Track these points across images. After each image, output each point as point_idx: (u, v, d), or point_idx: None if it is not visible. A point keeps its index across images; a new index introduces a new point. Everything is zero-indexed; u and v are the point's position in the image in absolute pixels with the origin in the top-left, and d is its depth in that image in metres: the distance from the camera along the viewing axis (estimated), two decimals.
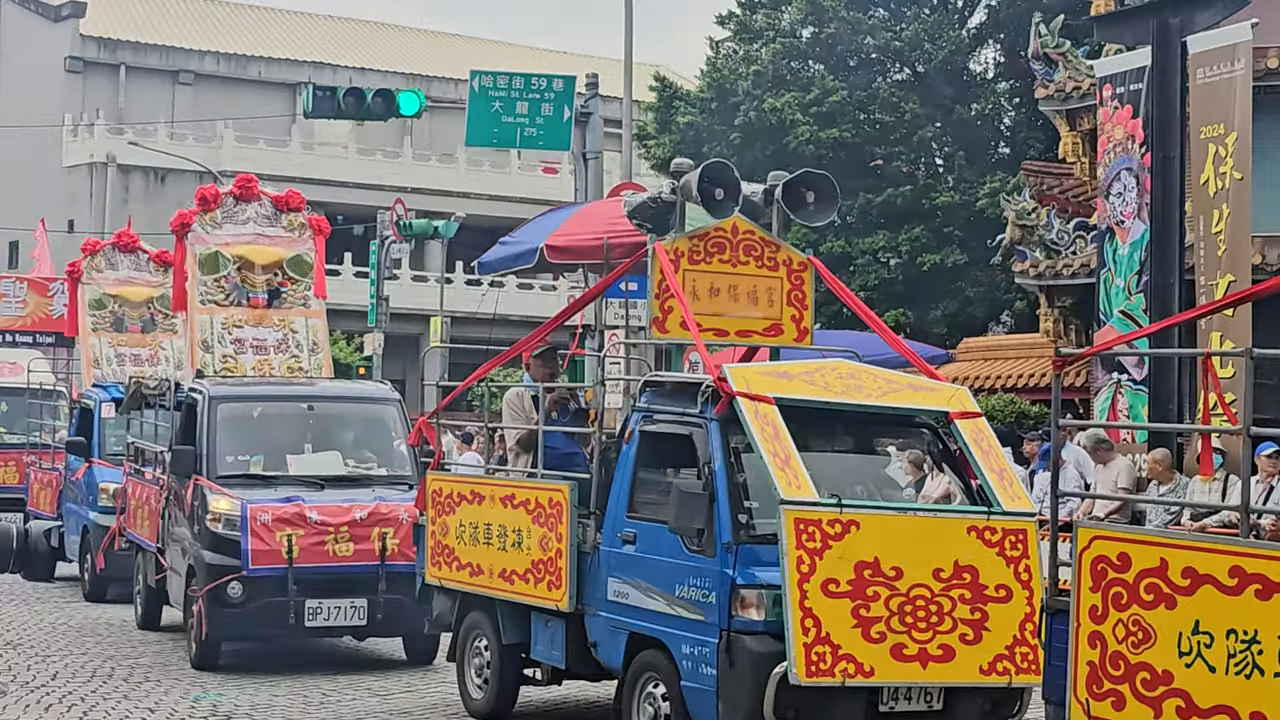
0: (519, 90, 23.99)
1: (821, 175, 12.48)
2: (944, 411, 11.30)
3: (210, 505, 15.32)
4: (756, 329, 12.41)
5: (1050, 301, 27.09)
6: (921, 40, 37.52)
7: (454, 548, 13.22)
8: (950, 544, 10.28)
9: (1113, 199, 20.81)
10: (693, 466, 11.03)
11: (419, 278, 55.39)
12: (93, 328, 24.13)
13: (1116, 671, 8.25)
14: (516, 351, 13.92)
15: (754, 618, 10.23)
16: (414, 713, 13.48)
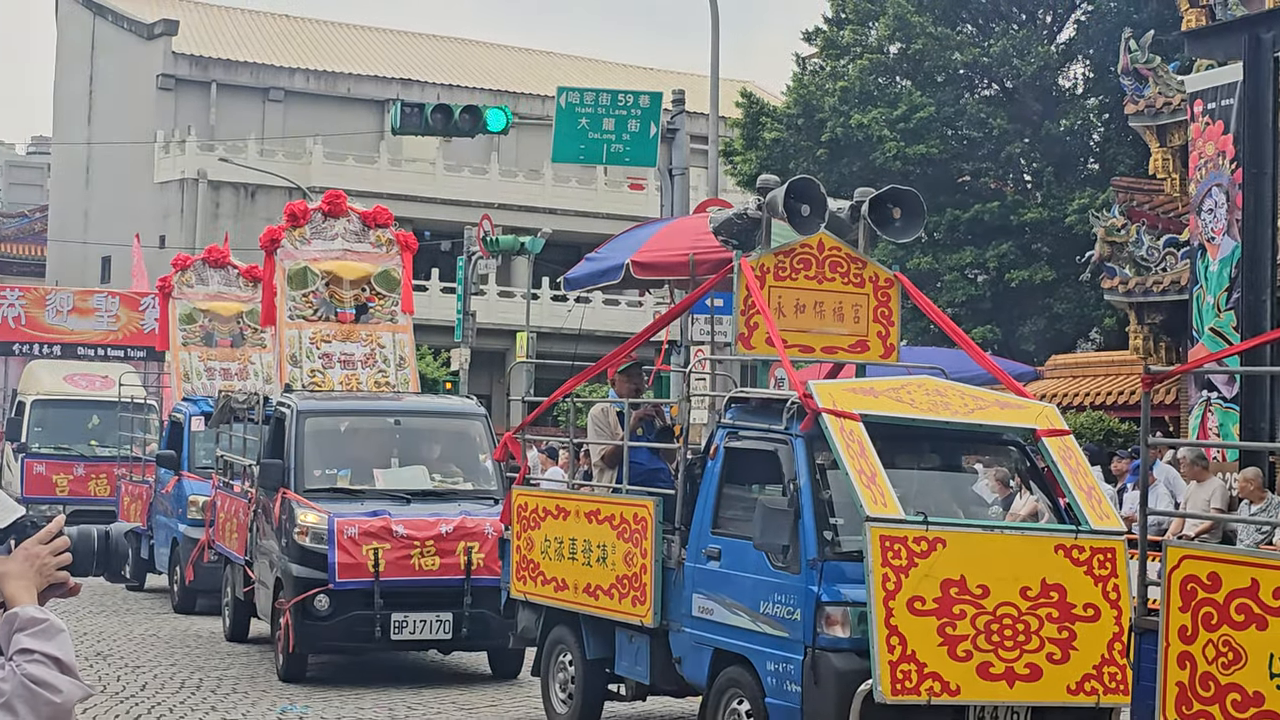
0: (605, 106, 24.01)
1: (908, 191, 12.42)
2: (1031, 429, 11.21)
3: (298, 519, 15.41)
4: (842, 345, 12.37)
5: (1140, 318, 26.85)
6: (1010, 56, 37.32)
7: (539, 562, 13.24)
8: (1037, 562, 10.20)
9: (1204, 215, 20.62)
10: (778, 483, 11.01)
11: (505, 293, 55.58)
12: (183, 342, 24.39)
13: (1206, 693, 8.16)
14: (602, 367, 13.94)
15: (839, 635, 10.19)
16: None
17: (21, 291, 37.70)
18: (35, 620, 3.58)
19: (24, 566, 3.68)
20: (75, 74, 64.40)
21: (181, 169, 56.57)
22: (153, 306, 33.10)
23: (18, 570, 3.67)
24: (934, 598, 9.87)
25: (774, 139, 38.84)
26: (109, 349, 35.32)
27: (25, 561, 3.69)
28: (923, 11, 37.84)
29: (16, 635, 3.56)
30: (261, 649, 17.37)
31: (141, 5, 63.22)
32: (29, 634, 3.56)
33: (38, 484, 28.84)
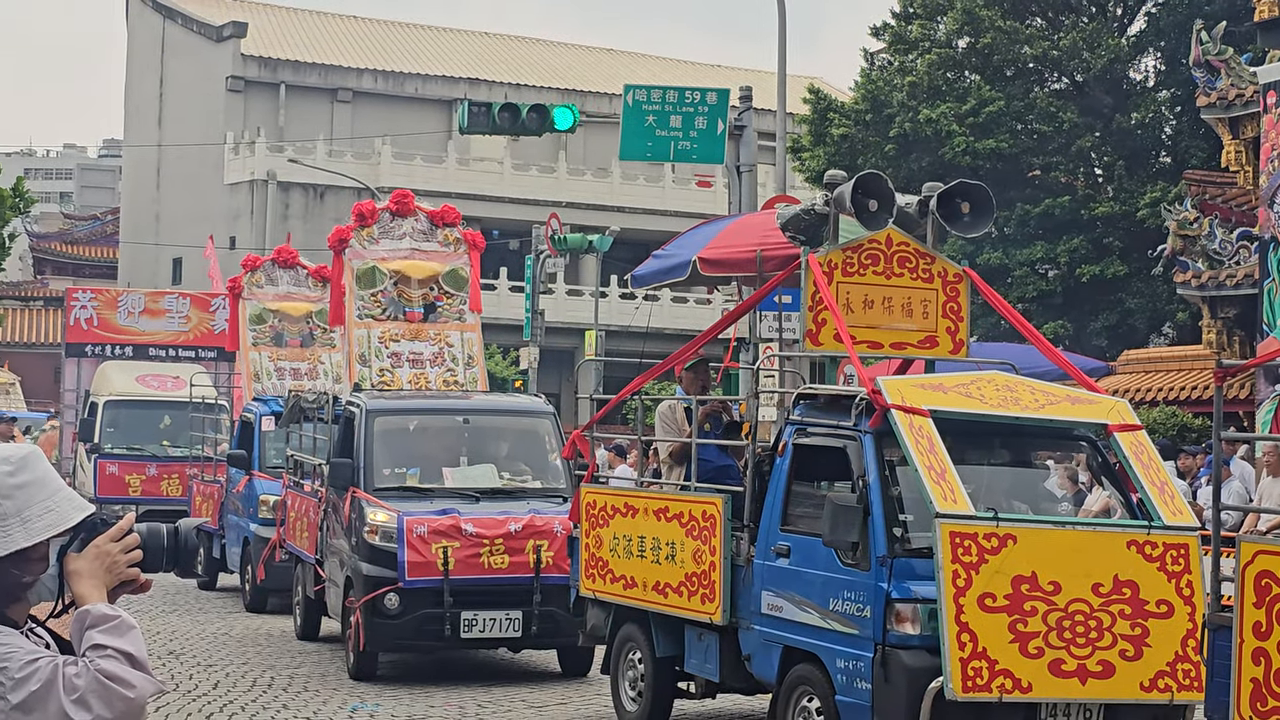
0: (673, 104, 24.01)
1: (977, 186, 12.36)
2: (1103, 424, 11.14)
3: (367, 517, 15.47)
4: (911, 341, 12.33)
5: (1213, 312, 26.65)
6: (1080, 49, 37.09)
7: (608, 560, 13.25)
8: (1110, 558, 10.14)
9: (1277, 208, 20.43)
10: (847, 480, 10.99)
11: (574, 292, 55.68)
12: (253, 342, 24.53)
13: None
14: (669, 365, 13.93)
15: (909, 632, 10.16)
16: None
17: (94, 293, 38.04)
18: (107, 617, 3.61)
19: (94, 564, 3.71)
20: (146, 77, 64.94)
21: (251, 170, 56.95)
22: (223, 307, 33.33)
23: (88, 568, 3.70)
24: (1005, 594, 9.82)
25: (842, 135, 38.73)
26: (180, 350, 35.59)
27: (96, 559, 3.71)
28: (991, 5, 37.66)
29: (89, 632, 3.59)
30: (332, 647, 17.46)
31: (211, 8, 63.68)
32: (101, 630, 3.59)
33: (111, 484, 29.08)
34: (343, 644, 16.32)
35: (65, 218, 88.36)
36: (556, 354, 51.98)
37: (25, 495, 3.69)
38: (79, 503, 3.75)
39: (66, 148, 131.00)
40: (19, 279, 72.17)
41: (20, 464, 3.72)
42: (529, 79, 62.26)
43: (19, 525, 3.66)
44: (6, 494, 3.67)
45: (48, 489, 3.72)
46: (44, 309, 63.24)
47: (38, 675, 3.53)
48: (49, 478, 3.74)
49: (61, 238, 78.89)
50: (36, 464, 3.74)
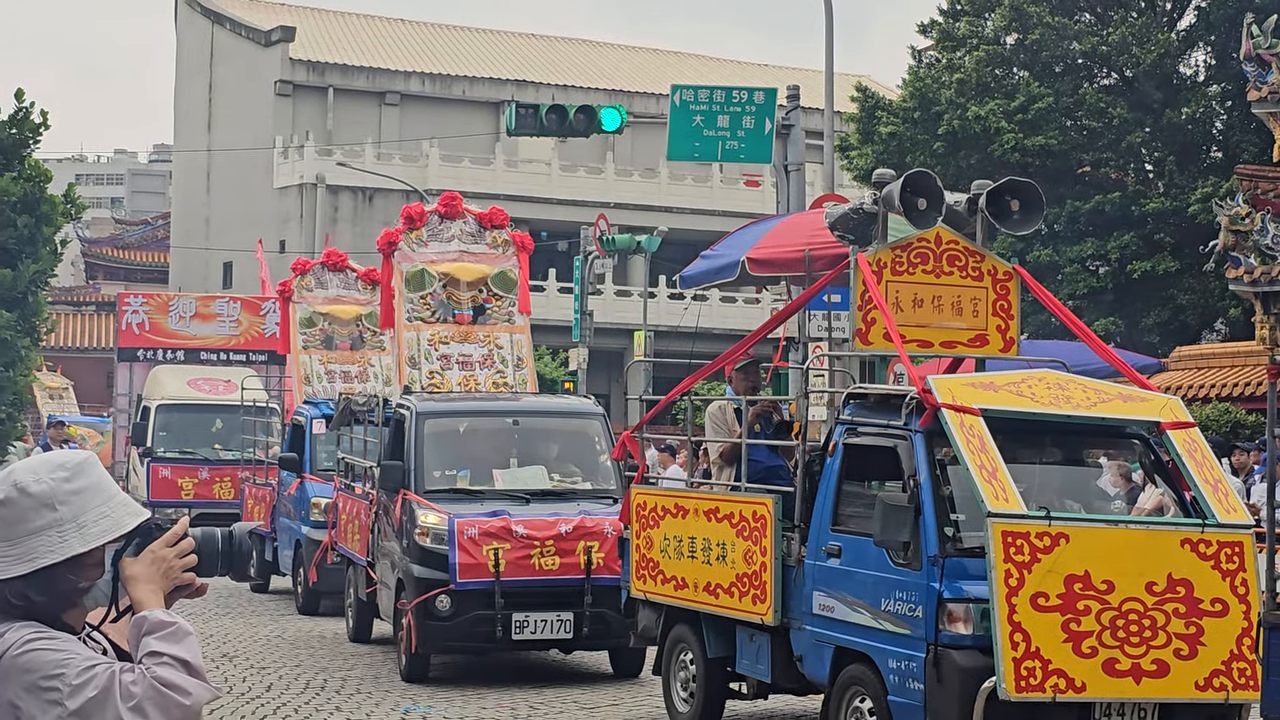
0: (720, 104, 23.98)
1: (1026, 183, 12.33)
2: (1156, 422, 11.09)
3: (418, 519, 15.51)
4: (961, 340, 12.30)
5: (1266, 308, 26.34)
6: (1129, 44, 36.90)
7: (658, 561, 13.26)
8: (1163, 557, 10.09)
9: None
10: (898, 479, 10.96)
11: (622, 292, 55.70)
12: (303, 345, 24.62)
13: None
14: (719, 365, 13.93)
15: (961, 632, 10.14)
16: None
17: (145, 298, 38.19)
18: (164, 623, 3.63)
19: (150, 570, 3.73)
20: (195, 82, 65.29)
21: (300, 174, 57.17)
22: (273, 311, 33.45)
23: (144, 573, 3.73)
24: (1058, 593, 9.79)
25: (890, 133, 38.63)
26: (231, 353, 35.69)
27: (152, 565, 3.74)
28: (1039, 1, 37.50)
29: (145, 638, 3.61)
30: (384, 649, 17.52)
31: (258, 13, 63.98)
32: (158, 637, 3.61)
33: (163, 488, 29.23)
34: (395, 646, 16.37)
35: (116, 223, 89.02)
36: (605, 355, 52.02)
37: (81, 501, 3.72)
38: (134, 508, 3.78)
39: (117, 153, 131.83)
40: (71, 284, 72.67)
41: (76, 470, 3.75)
42: (576, 80, 62.33)
43: (75, 531, 3.70)
44: (62, 500, 3.70)
45: (103, 494, 3.75)
46: (96, 314, 63.68)
47: (95, 682, 3.56)
48: (104, 483, 3.77)
49: (113, 243, 79.49)
50: (92, 470, 3.77)
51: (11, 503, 3.70)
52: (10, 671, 3.60)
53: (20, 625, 3.66)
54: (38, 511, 3.69)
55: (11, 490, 3.71)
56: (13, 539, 3.69)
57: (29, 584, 3.67)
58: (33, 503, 3.69)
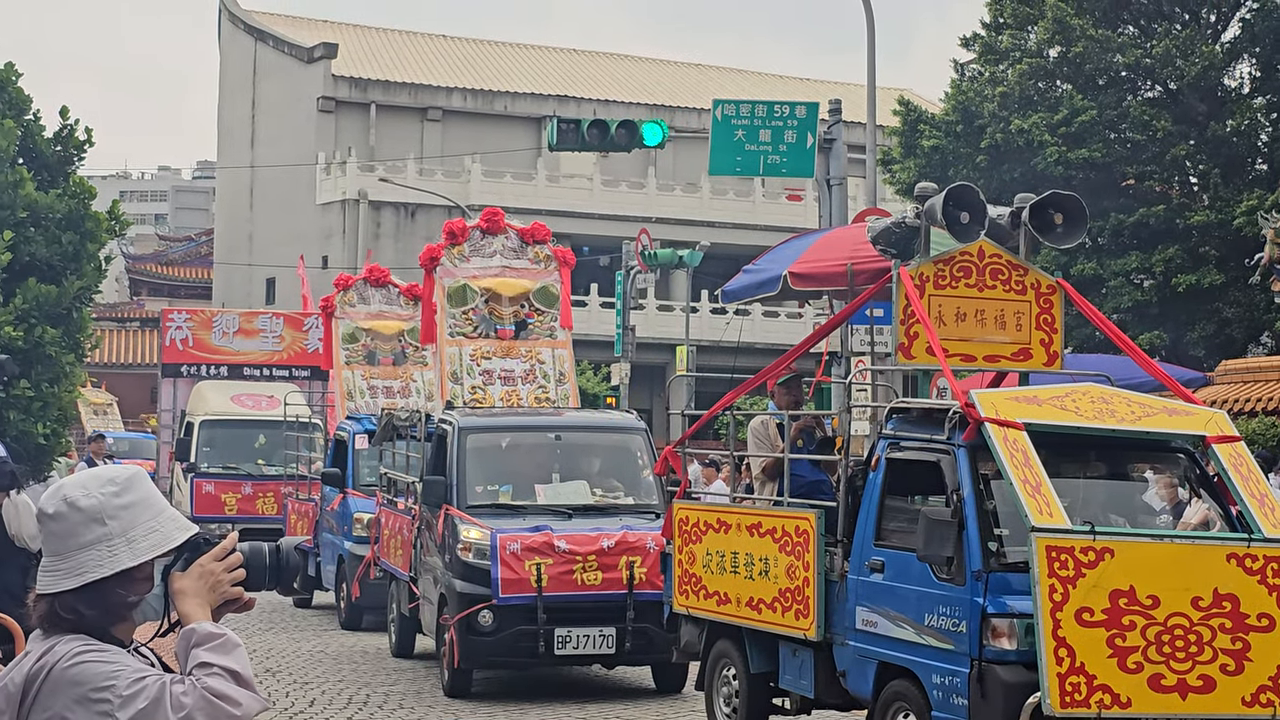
0: (762, 118, 24.00)
1: (1069, 196, 12.30)
2: (1201, 436, 11.04)
3: (461, 535, 15.56)
4: (1005, 354, 12.28)
5: None
6: (1173, 56, 36.76)
7: (701, 576, 13.26)
8: (1209, 572, 10.04)
9: None
10: (941, 494, 10.95)
11: (664, 307, 55.72)
12: (346, 361, 24.72)
13: None
14: (761, 379, 13.93)
15: (1006, 647, 10.11)
16: None
17: (189, 314, 38.37)
18: (213, 635, 3.67)
19: (199, 584, 3.77)
20: (238, 99, 65.64)
21: (342, 190, 57.41)
22: (316, 326, 33.57)
23: (193, 587, 3.76)
24: (1103, 609, 9.75)
25: (933, 146, 38.56)
26: (274, 369, 35.82)
27: (200, 579, 3.78)
28: (1083, 14, 37.39)
29: (195, 650, 3.65)
30: (427, 665, 17.56)
31: (301, 29, 64.32)
32: (207, 648, 3.64)
33: (207, 503, 29.35)
34: (437, 661, 16.41)
35: (160, 239, 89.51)
36: (648, 370, 52.06)
37: (130, 516, 3.76)
38: (183, 523, 3.82)
39: (161, 170, 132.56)
40: (115, 300, 73.10)
41: (125, 485, 3.79)
42: (617, 95, 62.44)
43: (124, 545, 3.74)
44: (112, 514, 3.74)
45: (152, 509, 3.79)
46: (140, 330, 64.03)
47: (145, 693, 3.59)
48: (153, 498, 3.81)
49: (157, 259, 79.92)
50: (141, 484, 3.81)
51: (61, 517, 3.75)
52: (60, 684, 3.64)
53: (70, 638, 3.70)
54: (87, 526, 3.73)
55: (61, 505, 3.75)
56: (63, 553, 3.73)
57: (78, 598, 3.71)
58: (82, 517, 3.73)
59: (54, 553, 3.75)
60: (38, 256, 14.82)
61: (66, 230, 14.65)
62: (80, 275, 14.81)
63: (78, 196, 15.07)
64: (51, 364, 14.68)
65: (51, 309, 14.37)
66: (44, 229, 15.00)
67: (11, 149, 15.07)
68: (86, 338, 16.20)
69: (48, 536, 3.77)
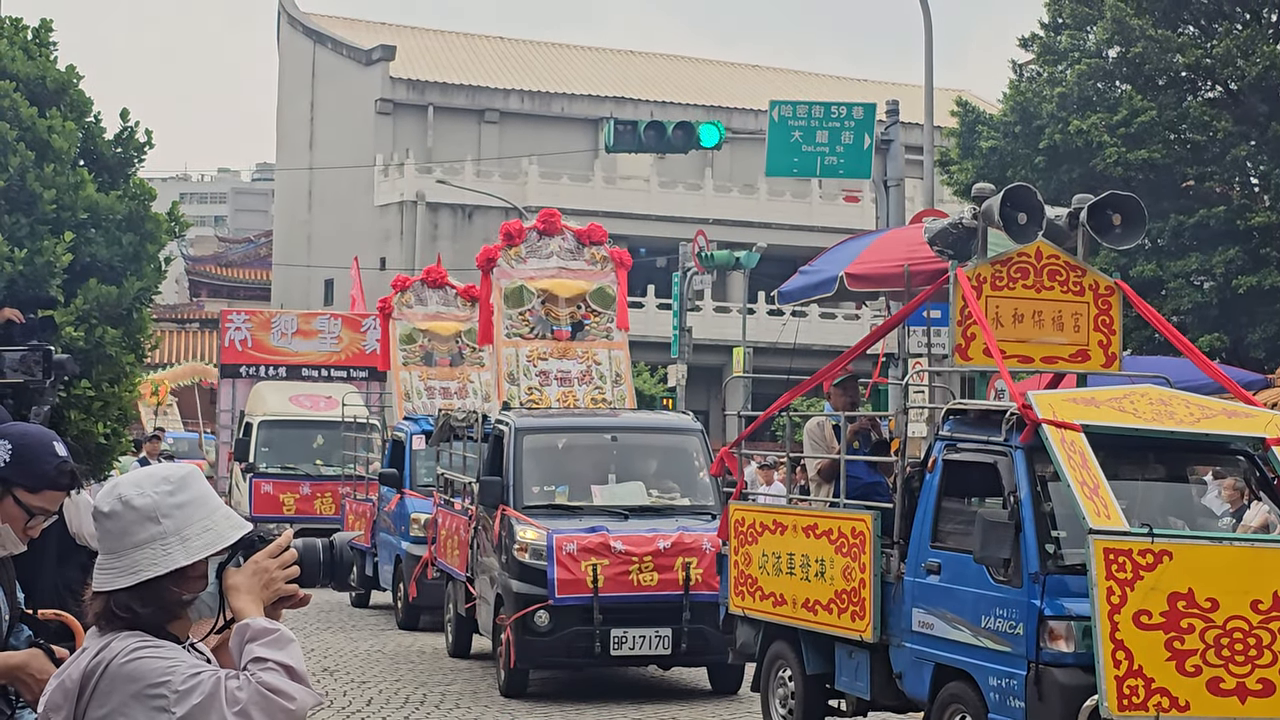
0: (818, 119, 23.98)
1: (1128, 197, 12.24)
2: (1261, 438, 10.97)
3: (517, 535, 15.58)
4: (1062, 355, 12.22)
5: None
6: (1234, 56, 36.51)
7: (757, 577, 13.25)
8: (1269, 575, 9.97)
9: None
10: (998, 495, 10.91)
11: (721, 309, 55.68)
12: (403, 362, 24.78)
13: None
14: (817, 381, 13.91)
15: (1063, 650, 10.07)
16: None
17: (248, 315, 38.60)
18: (266, 630, 3.68)
19: (252, 580, 3.79)
20: (297, 101, 65.95)
21: (400, 192, 57.60)
22: (374, 327, 33.71)
23: (246, 584, 3.78)
24: (1161, 611, 9.70)
25: (991, 147, 38.41)
26: (332, 370, 35.97)
27: (254, 576, 3.79)
28: (1142, 14, 37.18)
29: (249, 645, 3.67)
30: (484, 664, 17.60)
31: (359, 32, 64.57)
32: (261, 644, 3.66)
33: (265, 503, 29.47)
34: (494, 661, 16.45)
35: (220, 240, 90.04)
36: (704, 371, 52.00)
37: (184, 515, 3.78)
38: (236, 521, 3.84)
39: (220, 172, 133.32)
40: (175, 301, 73.54)
41: (180, 484, 3.82)
42: (674, 96, 62.42)
43: (178, 544, 3.76)
44: (166, 513, 3.76)
45: (206, 508, 3.81)
46: (199, 330, 64.40)
47: (200, 688, 3.61)
48: (207, 497, 3.83)
49: (216, 260, 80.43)
50: (195, 483, 3.83)
51: (117, 516, 3.77)
52: (116, 680, 3.66)
53: (126, 635, 3.72)
54: (142, 525, 3.75)
55: (117, 504, 3.78)
56: (118, 551, 3.76)
57: (133, 596, 3.73)
58: (137, 516, 3.76)
59: (109, 551, 3.77)
60: (98, 258, 14.89)
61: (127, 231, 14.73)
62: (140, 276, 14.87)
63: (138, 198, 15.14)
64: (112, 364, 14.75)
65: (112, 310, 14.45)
66: (104, 230, 15.08)
67: (72, 151, 15.16)
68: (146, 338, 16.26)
69: (103, 535, 3.79)
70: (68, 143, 15.02)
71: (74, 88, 15.71)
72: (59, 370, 10.25)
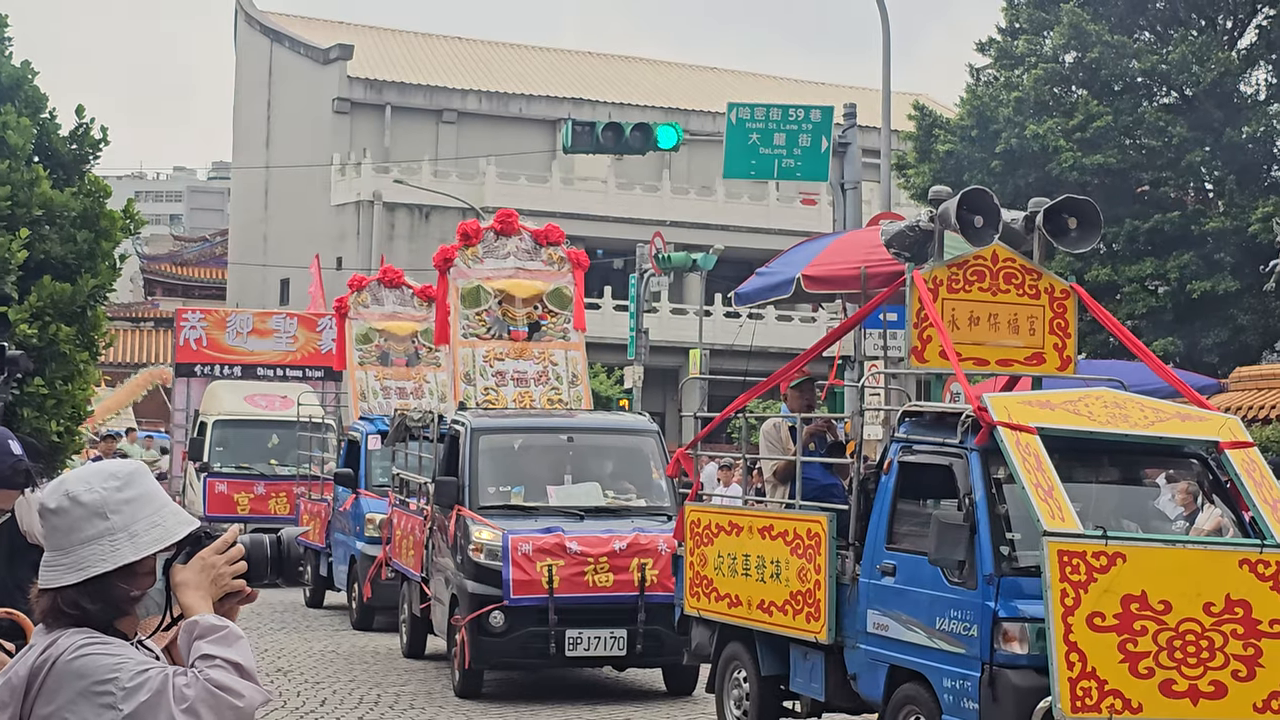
0: (776, 122, 24.00)
1: (1084, 201, 12.27)
2: (1214, 441, 11.02)
3: (472, 535, 15.55)
4: (1018, 358, 12.25)
5: None
6: (1189, 63, 36.72)
7: (712, 579, 13.25)
8: (1221, 578, 10.01)
9: None
10: (953, 497, 10.93)
11: (678, 310, 55.71)
12: (359, 362, 24.71)
13: None
14: (774, 382, 13.92)
15: (1017, 651, 10.09)
16: None
17: (203, 314, 38.41)
18: (215, 627, 3.66)
19: (200, 576, 3.76)
20: (254, 100, 65.75)
21: (357, 191, 57.46)
22: (329, 327, 33.58)
23: (195, 580, 3.75)
24: (1114, 613, 9.73)
25: (947, 151, 38.53)
26: (287, 369, 35.83)
27: (201, 571, 3.77)
28: (1099, 19, 37.37)
29: (197, 642, 3.64)
30: (438, 665, 17.56)
31: (317, 31, 64.39)
32: (209, 641, 3.63)
33: (220, 503, 29.36)
34: (448, 662, 16.41)
35: (175, 239, 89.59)
36: (661, 372, 52.02)
37: (132, 510, 3.75)
38: (184, 517, 3.81)
39: (176, 170, 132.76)
40: (129, 300, 73.14)
41: (127, 479, 3.78)
42: (632, 98, 62.43)
43: (126, 540, 3.73)
44: (114, 509, 3.73)
45: (154, 504, 3.78)
46: (154, 329, 64.08)
47: (148, 685, 3.59)
48: (155, 493, 3.80)
49: (171, 259, 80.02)
50: (143, 480, 3.80)
51: (64, 512, 3.74)
52: (64, 677, 3.63)
53: (73, 632, 3.69)
54: (90, 521, 3.72)
55: (64, 499, 3.74)
56: (65, 548, 3.72)
57: (81, 592, 3.70)
58: (85, 512, 3.72)
59: (56, 547, 3.74)
60: (52, 254, 14.80)
61: (81, 228, 14.63)
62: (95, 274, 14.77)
63: (93, 195, 15.04)
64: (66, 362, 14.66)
65: (66, 307, 14.37)
66: (59, 227, 14.99)
67: (27, 147, 15.06)
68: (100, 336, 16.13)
69: (50, 531, 3.76)
70: (22, 139, 14.92)
71: (29, 83, 15.60)
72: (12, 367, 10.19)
